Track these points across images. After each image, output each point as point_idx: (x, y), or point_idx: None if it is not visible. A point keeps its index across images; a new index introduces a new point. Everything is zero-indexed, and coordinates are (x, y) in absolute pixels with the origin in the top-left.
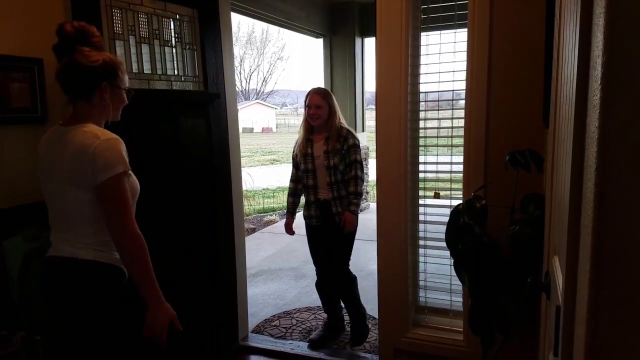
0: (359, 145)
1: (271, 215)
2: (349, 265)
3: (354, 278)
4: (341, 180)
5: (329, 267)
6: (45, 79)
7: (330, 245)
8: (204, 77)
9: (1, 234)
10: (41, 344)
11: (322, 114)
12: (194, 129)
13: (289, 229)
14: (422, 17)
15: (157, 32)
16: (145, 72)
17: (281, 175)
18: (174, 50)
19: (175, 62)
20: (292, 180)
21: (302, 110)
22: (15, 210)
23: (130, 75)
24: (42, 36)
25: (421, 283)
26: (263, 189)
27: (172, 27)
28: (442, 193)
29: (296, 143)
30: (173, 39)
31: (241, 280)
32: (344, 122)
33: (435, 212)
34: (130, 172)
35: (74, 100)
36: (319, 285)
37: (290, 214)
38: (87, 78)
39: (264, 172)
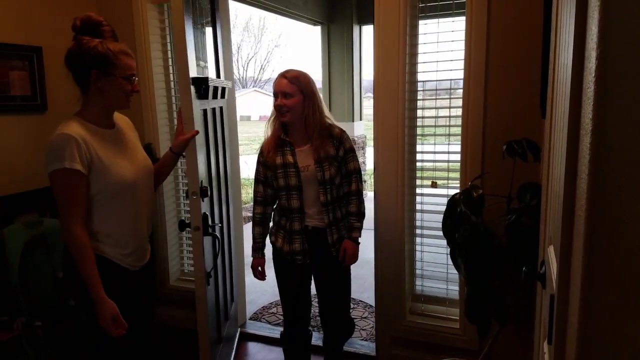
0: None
1: None
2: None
3: (353, 325)
4: (336, 197)
5: (307, 312)
6: (45, 67)
7: (325, 286)
8: (216, 64)
9: (1, 221)
10: (42, 329)
11: (292, 105)
12: (216, 116)
13: (260, 273)
14: (420, 5)
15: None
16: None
17: None
18: (204, 38)
19: (203, 49)
20: (258, 203)
21: None
22: (14, 197)
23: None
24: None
25: (418, 272)
26: None
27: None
28: (439, 182)
29: (261, 149)
30: (200, 27)
31: (239, 267)
32: (330, 118)
33: (432, 201)
34: (83, 170)
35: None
36: (286, 338)
37: (259, 251)
38: (76, 66)
39: None
